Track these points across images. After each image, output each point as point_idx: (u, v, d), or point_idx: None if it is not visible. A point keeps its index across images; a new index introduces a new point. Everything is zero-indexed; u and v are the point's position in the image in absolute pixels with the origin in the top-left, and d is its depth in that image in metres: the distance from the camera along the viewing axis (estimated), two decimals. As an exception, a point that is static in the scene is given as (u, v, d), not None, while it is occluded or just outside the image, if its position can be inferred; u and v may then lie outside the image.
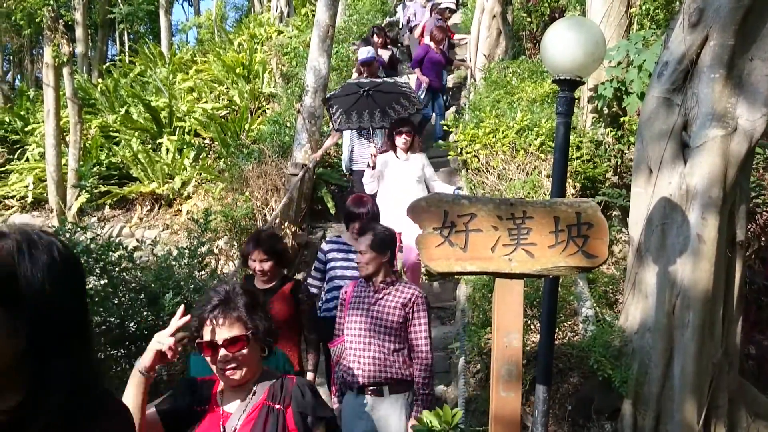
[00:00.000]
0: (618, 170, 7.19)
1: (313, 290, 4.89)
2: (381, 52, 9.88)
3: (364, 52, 8.47)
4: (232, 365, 2.24)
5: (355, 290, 3.95)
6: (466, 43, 12.64)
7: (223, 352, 2.23)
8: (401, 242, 6.22)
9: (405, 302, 3.74)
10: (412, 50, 12.41)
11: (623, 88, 6.70)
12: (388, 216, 6.04)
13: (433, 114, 10.18)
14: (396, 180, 6.31)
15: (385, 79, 7.40)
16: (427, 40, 10.22)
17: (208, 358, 2.27)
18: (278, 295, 4.28)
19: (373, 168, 6.39)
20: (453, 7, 11.63)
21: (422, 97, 9.81)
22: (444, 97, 10.57)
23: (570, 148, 5.80)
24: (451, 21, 12.16)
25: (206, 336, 2.25)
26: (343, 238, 4.97)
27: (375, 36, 10.25)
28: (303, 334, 4.49)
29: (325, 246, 5.00)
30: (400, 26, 13.89)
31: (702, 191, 4.31)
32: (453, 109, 11.21)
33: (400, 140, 6.36)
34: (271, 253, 4.30)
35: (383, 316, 3.75)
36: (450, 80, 12.12)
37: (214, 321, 2.25)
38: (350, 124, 7.21)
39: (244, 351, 2.25)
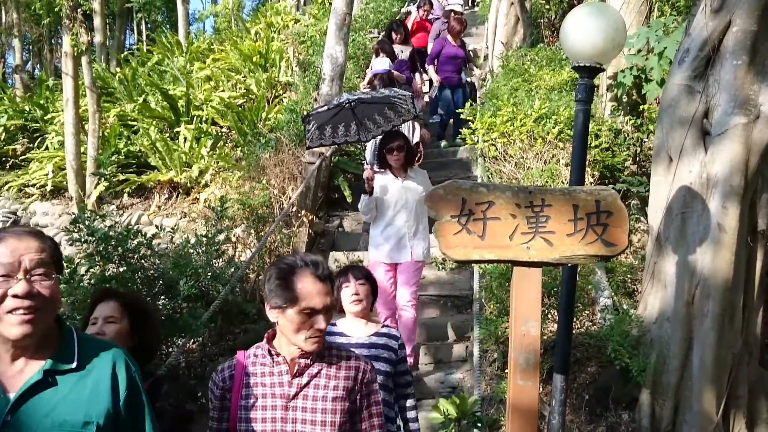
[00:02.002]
0: (637, 159, 7.12)
1: None
2: (402, 48, 9.61)
3: (379, 64, 7.83)
4: None
5: (252, 371, 2.33)
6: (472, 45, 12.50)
7: None
8: (394, 280, 5.59)
9: (349, 385, 2.32)
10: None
11: (643, 76, 6.62)
12: (385, 248, 5.52)
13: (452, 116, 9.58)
14: (395, 207, 5.48)
15: (381, 90, 6.28)
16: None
17: None
18: None
19: (370, 194, 5.48)
20: (458, 8, 10.97)
21: (434, 95, 9.50)
22: (470, 94, 9.92)
23: (588, 137, 5.74)
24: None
25: None
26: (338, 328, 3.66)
27: (393, 33, 9.57)
28: None
29: None
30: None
31: (723, 179, 4.26)
32: None
33: (392, 158, 5.45)
34: (128, 307, 2.84)
35: (320, 417, 2.26)
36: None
37: None
38: (323, 140, 6.30)
39: None
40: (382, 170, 5.64)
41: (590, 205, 2.86)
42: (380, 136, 6.09)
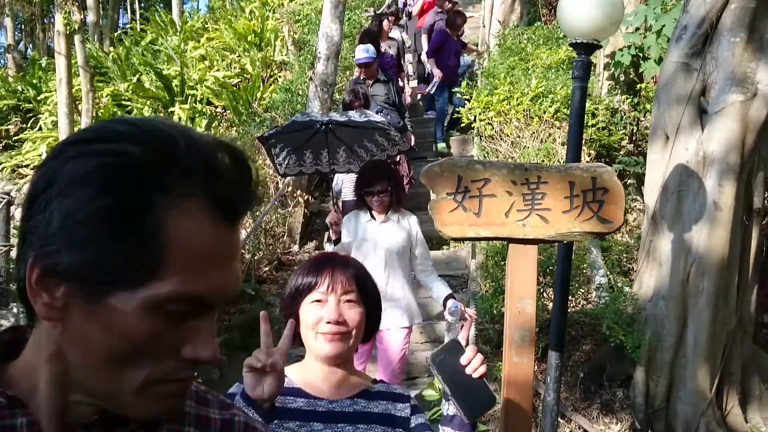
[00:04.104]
0: (634, 138, 7.11)
1: None
2: (393, 34, 9.46)
3: (362, 51, 7.27)
4: None
5: None
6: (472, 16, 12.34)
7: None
8: (376, 343, 4.23)
9: None
10: (409, 35, 11.97)
11: (640, 55, 6.59)
12: None
13: (451, 108, 9.24)
14: (373, 257, 4.15)
15: (351, 115, 5.10)
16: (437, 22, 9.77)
17: None
18: None
19: (336, 242, 4.41)
20: None
21: (433, 91, 9.26)
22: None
23: (585, 116, 5.70)
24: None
25: None
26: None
27: (386, 21, 9.41)
28: None
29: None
30: (400, 7, 12.76)
31: (719, 157, 4.25)
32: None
33: (373, 203, 4.14)
34: None
35: None
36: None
37: None
38: (302, 167, 5.32)
39: None
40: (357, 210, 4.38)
41: (586, 182, 2.84)
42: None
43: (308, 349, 1.74)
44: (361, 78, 7.34)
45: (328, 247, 4.52)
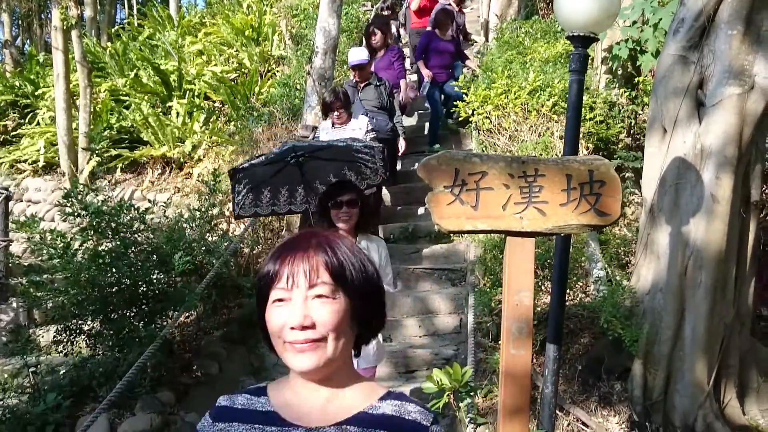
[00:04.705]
0: (631, 131, 7.11)
1: None
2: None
3: (356, 53, 7.20)
4: None
5: None
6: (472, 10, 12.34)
7: None
8: None
9: None
10: (406, 28, 11.83)
11: (638, 48, 6.59)
12: None
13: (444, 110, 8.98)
14: None
15: (335, 141, 4.92)
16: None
17: None
18: None
19: None
20: None
21: (425, 93, 8.81)
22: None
23: (583, 109, 5.69)
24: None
25: None
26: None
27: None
28: None
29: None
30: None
31: (717, 150, 4.25)
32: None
33: (339, 216, 3.96)
34: None
35: None
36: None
37: None
38: (258, 208, 4.99)
39: None
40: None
41: (583, 174, 2.84)
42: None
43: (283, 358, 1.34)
44: (354, 81, 7.28)
45: None
